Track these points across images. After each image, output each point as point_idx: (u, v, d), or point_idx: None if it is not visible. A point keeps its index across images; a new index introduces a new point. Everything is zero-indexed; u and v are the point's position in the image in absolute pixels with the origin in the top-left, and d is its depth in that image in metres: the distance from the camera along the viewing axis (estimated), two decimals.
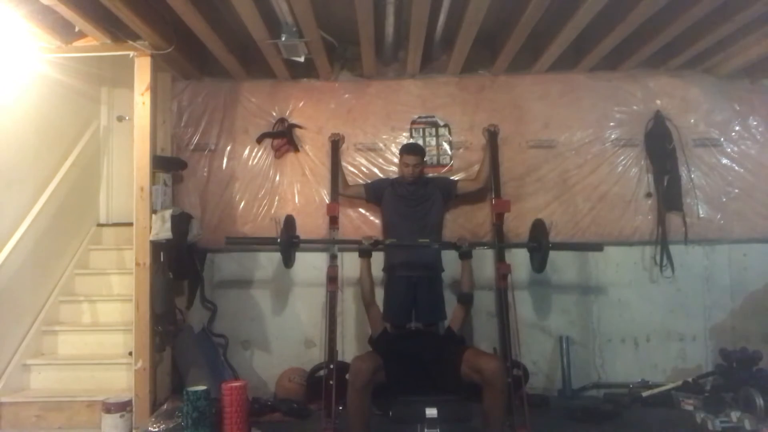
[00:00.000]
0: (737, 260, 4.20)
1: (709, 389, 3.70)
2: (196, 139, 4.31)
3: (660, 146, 4.20)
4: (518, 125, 4.27)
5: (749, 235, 4.20)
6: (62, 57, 3.71)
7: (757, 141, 4.28)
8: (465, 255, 3.35)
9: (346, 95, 4.34)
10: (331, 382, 3.37)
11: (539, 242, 3.34)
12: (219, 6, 3.46)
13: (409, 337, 3.28)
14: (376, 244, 3.39)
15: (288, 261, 3.45)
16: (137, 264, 3.56)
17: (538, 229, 3.39)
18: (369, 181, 4.16)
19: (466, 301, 3.28)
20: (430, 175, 4.14)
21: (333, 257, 3.90)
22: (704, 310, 4.17)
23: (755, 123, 4.29)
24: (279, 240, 3.34)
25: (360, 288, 3.32)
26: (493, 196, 4.00)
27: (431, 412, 2.52)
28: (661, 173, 4.19)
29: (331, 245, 3.92)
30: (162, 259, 3.64)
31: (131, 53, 3.57)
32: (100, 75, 4.67)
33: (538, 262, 3.39)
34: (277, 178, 4.29)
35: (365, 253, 3.34)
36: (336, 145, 4.14)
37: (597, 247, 3.57)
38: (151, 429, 3.24)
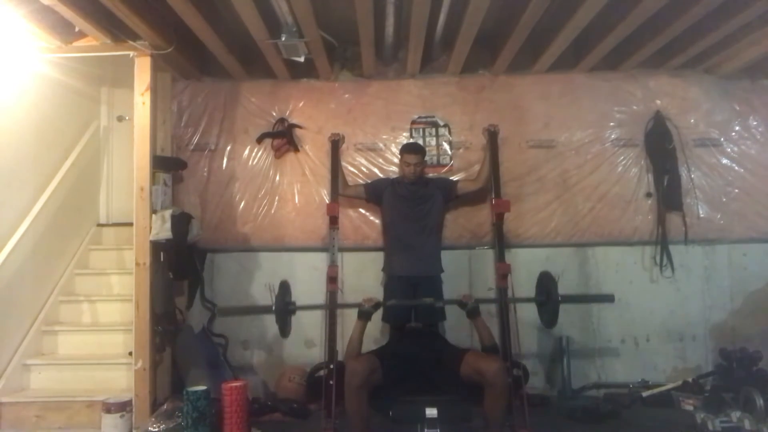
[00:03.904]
0: (737, 260, 4.20)
1: (709, 389, 3.70)
2: (196, 139, 4.31)
3: (660, 146, 4.20)
4: (518, 125, 4.27)
5: (749, 235, 4.20)
6: (62, 57, 3.71)
7: (757, 141, 4.28)
8: (472, 313, 3.08)
9: (346, 95, 4.34)
10: (331, 382, 3.35)
11: (548, 295, 3.06)
12: (219, 6, 3.47)
13: (408, 337, 3.27)
14: (377, 306, 3.14)
15: (284, 330, 3.07)
16: (137, 264, 3.56)
17: (546, 281, 3.12)
18: (369, 181, 4.16)
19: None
20: (431, 175, 4.14)
21: (333, 258, 3.90)
22: (704, 310, 4.18)
23: (755, 123, 4.29)
24: (273, 308, 2.99)
25: (346, 348, 3.11)
26: (493, 196, 3.99)
27: (431, 412, 2.51)
28: (661, 173, 4.19)
29: (332, 246, 3.92)
30: (162, 259, 3.64)
31: (131, 53, 3.57)
32: (100, 75, 4.68)
33: (549, 316, 3.10)
34: (277, 178, 4.29)
35: (365, 316, 3.08)
36: (336, 145, 4.13)
37: (608, 298, 3.28)
38: (151, 429, 3.24)
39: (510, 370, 3.39)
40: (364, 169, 4.28)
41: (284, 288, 3.10)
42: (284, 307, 3.03)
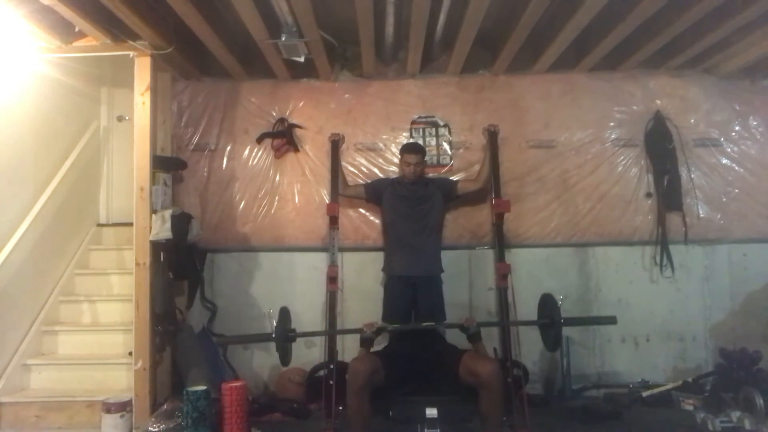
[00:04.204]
0: (737, 260, 4.20)
1: (709, 389, 3.70)
2: (196, 139, 4.31)
3: (660, 146, 4.20)
4: (518, 125, 4.27)
5: (749, 235, 4.20)
6: (62, 57, 3.71)
7: (757, 141, 4.28)
8: (474, 337, 3.04)
9: (346, 95, 4.34)
10: (331, 382, 3.36)
11: (551, 318, 3.04)
12: (219, 6, 3.47)
13: (408, 338, 3.27)
14: (378, 332, 3.08)
15: (285, 359, 3.04)
16: (137, 264, 3.56)
17: (548, 304, 3.10)
18: (369, 181, 4.16)
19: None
20: (431, 175, 4.14)
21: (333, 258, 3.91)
22: (704, 310, 4.18)
23: (755, 123, 4.29)
24: (274, 336, 2.97)
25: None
26: (494, 196, 3.99)
27: (431, 412, 2.52)
28: (661, 173, 4.19)
29: (332, 246, 3.92)
30: (162, 259, 3.64)
31: (131, 53, 3.57)
32: (100, 75, 4.69)
33: (552, 340, 3.07)
34: (277, 178, 4.29)
35: (367, 343, 3.01)
36: (336, 145, 4.13)
37: (610, 320, 3.22)
38: (151, 429, 3.24)
39: (510, 370, 3.39)
40: (364, 169, 4.28)
41: (284, 315, 3.07)
42: (284, 334, 2.99)
